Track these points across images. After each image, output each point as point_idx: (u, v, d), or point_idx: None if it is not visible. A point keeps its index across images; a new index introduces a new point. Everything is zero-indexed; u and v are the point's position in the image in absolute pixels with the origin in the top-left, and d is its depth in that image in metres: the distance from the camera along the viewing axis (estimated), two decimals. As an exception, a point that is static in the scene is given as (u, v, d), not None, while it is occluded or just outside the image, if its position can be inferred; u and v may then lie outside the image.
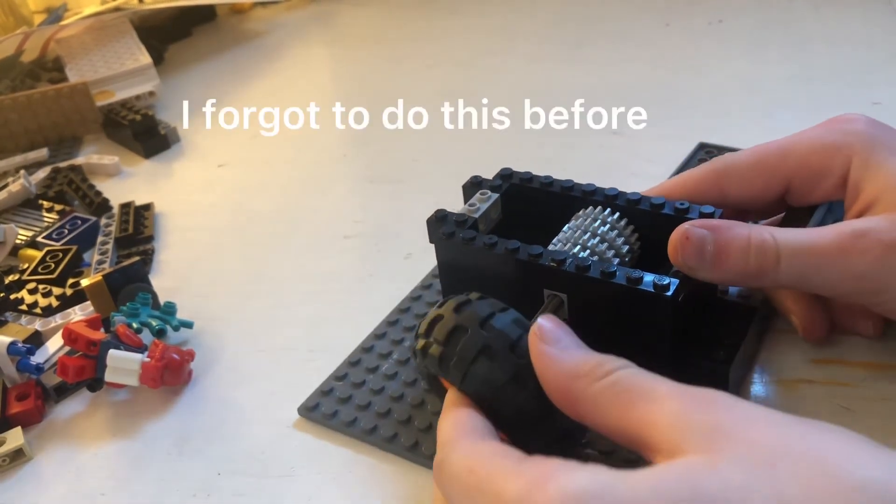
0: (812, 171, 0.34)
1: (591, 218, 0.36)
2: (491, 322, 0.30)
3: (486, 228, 0.39)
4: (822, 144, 0.34)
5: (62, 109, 0.69)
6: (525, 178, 0.40)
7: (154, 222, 0.56)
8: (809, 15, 0.70)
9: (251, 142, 0.66)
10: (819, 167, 0.34)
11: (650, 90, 0.62)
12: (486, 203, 0.39)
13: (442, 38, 0.79)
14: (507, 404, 0.29)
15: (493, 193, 0.39)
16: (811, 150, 0.34)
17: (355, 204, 0.55)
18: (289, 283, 0.48)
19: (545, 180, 0.39)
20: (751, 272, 0.31)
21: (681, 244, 0.32)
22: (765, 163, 0.35)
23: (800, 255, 0.30)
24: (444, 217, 0.38)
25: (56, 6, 0.92)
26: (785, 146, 0.35)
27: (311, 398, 0.39)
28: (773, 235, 0.31)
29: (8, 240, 0.53)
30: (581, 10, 0.79)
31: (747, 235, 0.31)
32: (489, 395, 0.29)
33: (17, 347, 0.42)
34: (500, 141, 0.59)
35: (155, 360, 0.40)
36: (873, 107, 0.55)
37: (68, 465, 0.38)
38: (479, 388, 0.29)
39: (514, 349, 0.29)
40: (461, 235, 0.37)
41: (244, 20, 0.93)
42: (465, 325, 0.30)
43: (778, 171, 0.35)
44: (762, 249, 0.31)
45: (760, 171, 0.35)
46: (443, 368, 0.30)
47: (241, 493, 0.35)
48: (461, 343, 0.30)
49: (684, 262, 0.32)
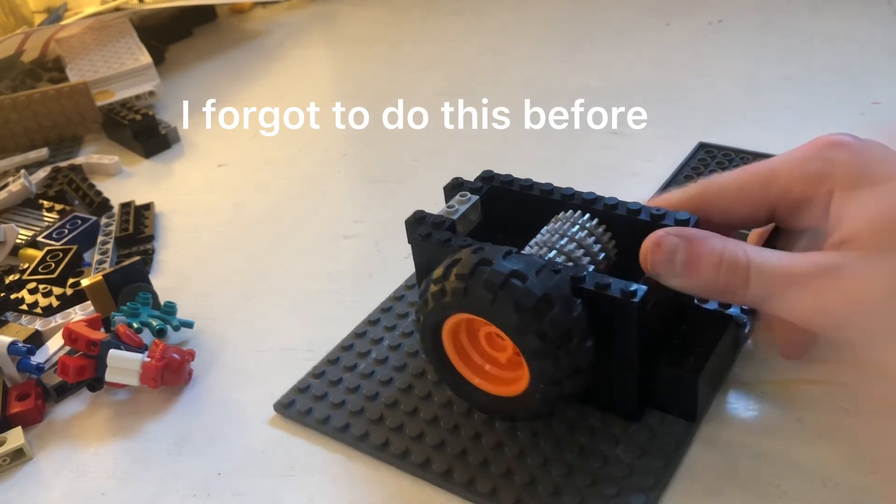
0: (795, 200, 0.33)
1: (570, 222, 0.36)
2: (511, 256, 0.32)
3: (466, 230, 0.39)
4: (804, 174, 0.33)
5: (62, 109, 0.69)
6: (505, 180, 0.40)
7: (154, 222, 0.56)
8: (809, 15, 0.70)
9: (251, 142, 0.66)
10: (802, 197, 0.33)
11: (650, 90, 0.62)
12: (465, 205, 0.39)
13: (442, 38, 0.79)
14: (537, 323, 0.30)
15: (472, 195, 0.39)
16: (794, 178, 0.33)
17: (355, 204, 0.55)
18: (289, 283, 0.48)
19: (525, 183, 0.39)
20: (719, 288, 0.31)
21: (651, 251, 0.32)
22: (748, 191, 0.34)
23: (769, 279, 0.30)
24: (423, 218, 0.38)
25: (56, 6, 0.92)
26: (768, 173, 0.34)
27: (287, 395, 0.39)
28: (747, 254, 0.31)
29: (8, 239, 0.53)
30: (581, 10, 0.79)
31: (721, 250, 0.31)
32: (517, 316, 0.30)
33: (17, 347, 0.42)
34: (500, 141, 0.59)
35: (155, 359, 0.40)
36: (873, 107, 0.55)
37: (68, 465, 0.38)
38: (511, 310, 0.30)
39: (539, 275, 0.31)
40: (437, 237, 0.37)
41: (244, 20, 0.93)
42: (489, 257, 0.31)
43: (761, 200, 0.34)
44: (733, 267, 0.30)
45: (744, 199, 0.35)
46: (467, 299, 0.31)
47: (241, 493, 0.35)
48: (487, 273, 0.31)
49: (653, 269, 0.32)
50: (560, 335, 0.30)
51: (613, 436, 0.34)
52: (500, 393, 0.34)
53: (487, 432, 0.35)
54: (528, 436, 0.34)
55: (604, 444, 0.34)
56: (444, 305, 0.32)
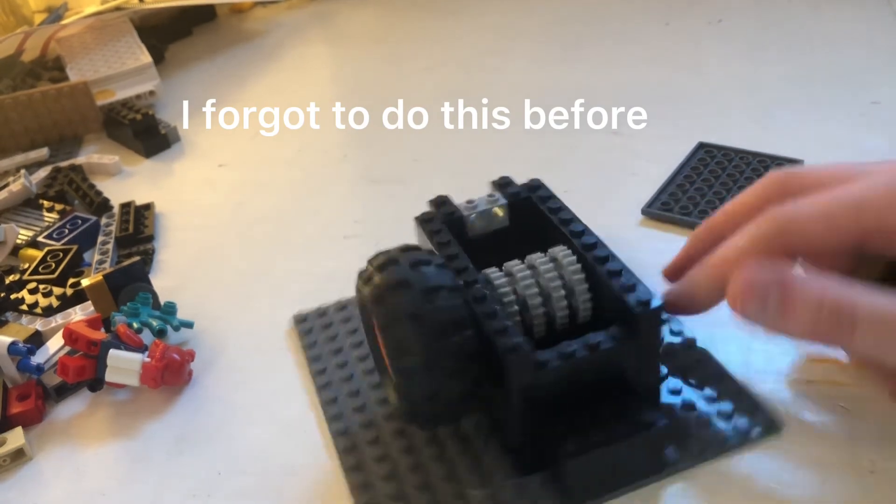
0: (891, 230, 0.29)
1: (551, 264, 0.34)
2: (421, 266, 0.32)
3: (483, 229, 0.39)
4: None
5: (63, 109, 0.69)
6: (542, 195, 0.39)
7: (154, 222, 0.56)
8: (809, 15, 0.70)
9: (251, 142, 0.66)
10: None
11: (650, 90, 0.62)
12: (489, 205, 0.39)
13: (442, 38, 0.79)
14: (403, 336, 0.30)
15: (501, 198, 0.39)
16: (889, 207, 0.29)
17: (355, 204, 0.55)
18: (289, 283, 0.48)
19: (554, 205, 0.38)
20: (820, 335, 0.28)
21: (742, 291, 0.29)
22: (835, 223, 0.30)
23: (881, 326, 0.27)
24: (443, 203, 0.38)
25: (56, 6, 0.92)
26: (858, 199, 0.30)
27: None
28: (853, 298, 0.27)
29: (8, 239, 0.53)
30: (581, 10, 0.79)
31: (820, 293, 0.28)
32: (389, 322, 0.31)
33: (17, 347, 0.42)
34: (501, 141, 0.59)
35: (155, 360, 0.40)
36: (873, 106, 0.55)
37: (68, 465, 0.38)
38: (387, 313, 0.31)
39: (427, 294, 0.31)
40: (430, 227, 0.37)
41: (244, 20, 0.93)
42: (400, 259, 0.32)
43: (851, 232, 0.30)
44: (836, 312, 0.27)
45: (831, 232, 0.30)
46: (367, 287, 0.32)
47: (242, 493, 0.35)
48: (387, 271, 0.31)
49: (743, 312, 0.29)
50: (419, 357, 0.30)
51: (490, 477, 0.33)
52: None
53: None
54: (424, 441, 0.35)
55: (469, 478, 0.33)
56: (358, 288, 0.33)
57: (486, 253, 0.37)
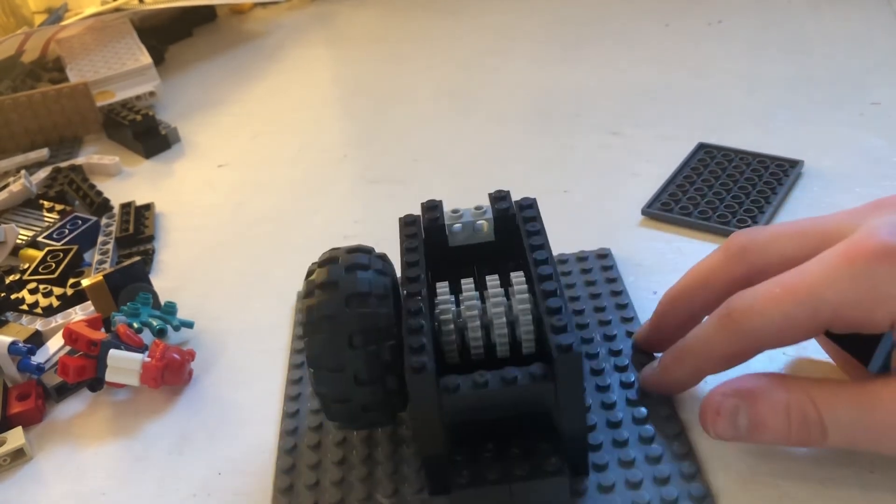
0: (851, 325, 0.28)
1: (498, 290, 0.33)
2: (357, 271, 0.32)
3: (465, 240, 0.38)
4: (856, 300, 0.28)
5: (63, 109, 0.69)
6: (528, 217, 0.37)
7: (154, 222, 0.56)
8: (809, 15, 0.70)
9: (251, 142, 0.66)
10: (859, 322, 0.28)
11: (650, 90, 0.62)
12: (474, 218, 0.38)
13: (442, 38, 0.79)
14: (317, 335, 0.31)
15: (488, 211, 0.38)
16: (844, 305, 0.28)
17: (355, 204, 0.55)
18: (289, 283, 0.48)
19: (532, 228, 0.36)
20: (795, 442, 0.29)
21: (711, 419, 0.30)
22: (793, 322, 0.29)
23: (850, 429, 0.28)
24: (435, 207, 0.38)
25: (56, 6, 0.93)
26: (815, 295, 0.28)
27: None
28: (816, 405, 0.28)
29: (9, 240, 0.53)
30: (581, 10, 0.79)
31: (785, 405, 0.29)
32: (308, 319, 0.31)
33: (17, 347, 0.42)
34: (500, 141, 0.59)
35: (155, 359, 0.40)
36: (873, 107, 0.55)
37: (68, 465, 0.38)
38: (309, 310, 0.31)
39: (350, 300, 0.31)
40: (406, 232, 0.37)
41: (244, 21, 0.93)
42: (339, 260, 0.32)
43: (809, 328, 0.29)
44: (804, 422, 0.28)
45: (790, 330, 0.29)
46: (307, 281, 0.32)
47: (242, 493, 0.35)
48: (325, 269, 0.32)
49: (717, 435, 0.30)
50: (331, 360, 0.31)
51: (401, 490, 0.33)
52: None
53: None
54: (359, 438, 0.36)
55: (383, 484, 0.33)
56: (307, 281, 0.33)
57: (467, 264, 0.36)
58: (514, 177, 0.54)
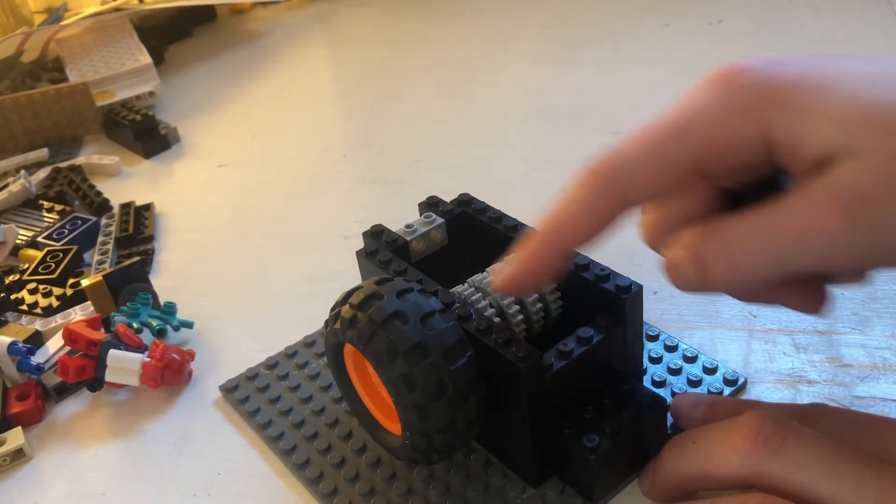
0: (724, 152, 0.26)
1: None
2: (406, 294, 0.30)
3: (424, 251, 0.38)
4: (721, 116, 0.26)
5: (62, 109, 0.69)
6: (478, 208, 0.38)
7: (154, 222, 0.56)
8: (809, 15, 0.70)
9: (251, 142, 0.66)
10: (732, 145, 0.26)
11: (650, 90, 0.62)
12: (427, 227, 0.37)
13: (442, 38, 0.79)
14: (408, 369, 0.29)
15: (437, 217, 0.38)
16: (712, 121, 0.26)
17: (355, 204, 0.55)
18: (289, 283, 0.48)
19: (493, 214, 0.37)
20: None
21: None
22: (661, 157, 0.27)
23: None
24: (380, 233, 0.37)
25: (56, 6, 0.92)
26: (678, 122, 0.27)
27: (233, 379, 0.40)
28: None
29: (8, 240, 0.53)
30: (581, 10, 0.79)
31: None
32: (388, 359, 0.29)
33: (17, 347, 0.42)
34: (500, 141, 0.59)
35: (155, 359, 0.40)
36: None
37: (68, 465, 0.38)
38: (383, 352, 0.29)
39: (424, 321, 0.29)
40: (379, 257, 0.36)
41: (244, 20, 0.93)
42: (382, 293, 0.30)
43: (680, 162, 0.27)
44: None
45: (660, 168, 0.27)
46: (352, 330, 0.30)
47: (242, 493, 0.35)
48: (374, 306, 0.29)
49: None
50: (431, 387, 0.29)
51: (504, 497, 0.32)
52: (390, 428, 0.32)
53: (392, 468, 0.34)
54: (423, 477, 0.33)
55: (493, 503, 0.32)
56: (335, 331, 0.31)
57: (430, 274, 0.36)
58: (514, 177, 0.54)
